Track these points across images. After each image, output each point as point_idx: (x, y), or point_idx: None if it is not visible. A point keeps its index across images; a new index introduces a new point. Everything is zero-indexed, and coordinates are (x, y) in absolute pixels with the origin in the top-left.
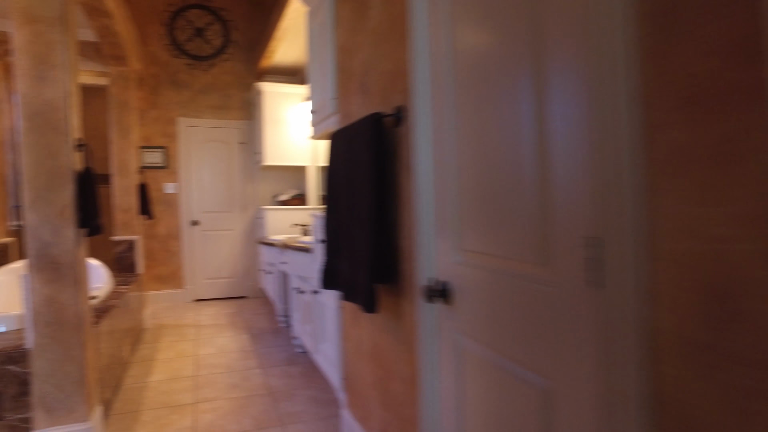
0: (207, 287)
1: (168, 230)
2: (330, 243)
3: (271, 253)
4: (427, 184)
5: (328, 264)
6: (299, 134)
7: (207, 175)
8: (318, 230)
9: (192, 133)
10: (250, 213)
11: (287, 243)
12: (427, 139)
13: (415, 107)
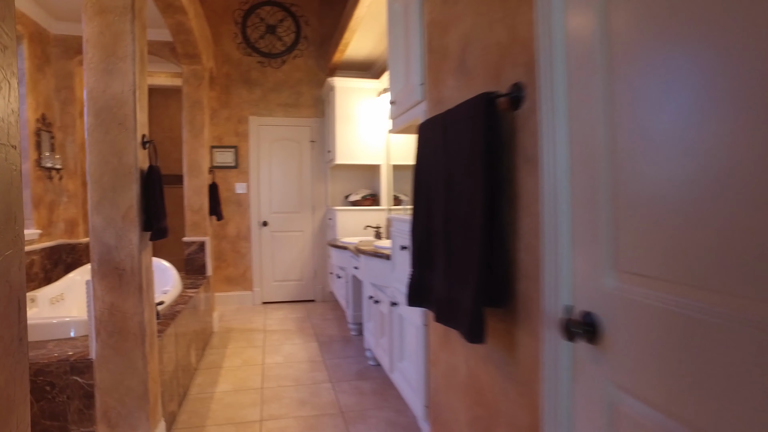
0: (275, 290)
1: (238, 231)
2: (419, 252)
3: (343, 256)
4: (559, 180)
5: (417, 277)
6: (372, 131)
7: (277, 175)
8: (397, 235)
9: (263, 131)
10: (320, 214)
11: (361, 248)
12: (559, 124)
13: (542, 84)
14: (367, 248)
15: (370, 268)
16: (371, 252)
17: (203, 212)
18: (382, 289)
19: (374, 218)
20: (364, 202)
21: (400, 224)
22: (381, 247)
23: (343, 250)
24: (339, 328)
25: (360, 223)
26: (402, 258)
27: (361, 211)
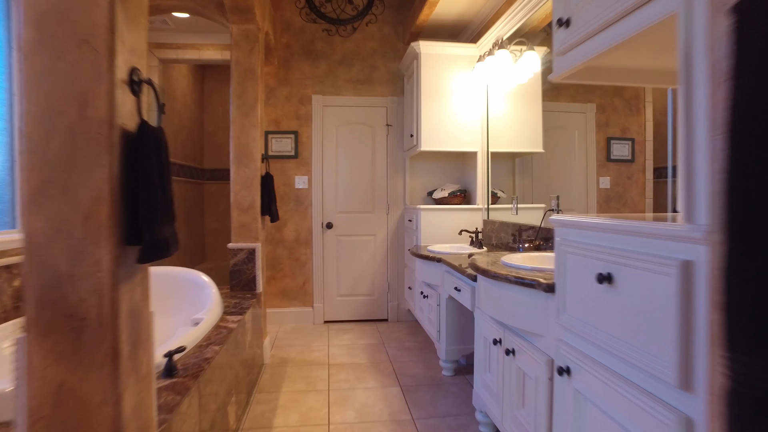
0: (340, 306)
1: (297, 234)
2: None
3: (432, 270)
4: None
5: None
6: (467, 110)
7: (344, 166)
8: (570, 250)
9: (328, 114)
10: (396, 214)
11: (481, 265)
12: None
13: None
14: (495, 269)
15: (498, 299)
16: (506, 276)
17: (254, 211)
18: (521, 334)
19: (467, 220)
20: (452, 199)
21: (579, 234)
22: (525, 269)
23: (433, 262)
24: (425, 363)
25: (449, 225)
26: (586, 293)
27: (451, 211)
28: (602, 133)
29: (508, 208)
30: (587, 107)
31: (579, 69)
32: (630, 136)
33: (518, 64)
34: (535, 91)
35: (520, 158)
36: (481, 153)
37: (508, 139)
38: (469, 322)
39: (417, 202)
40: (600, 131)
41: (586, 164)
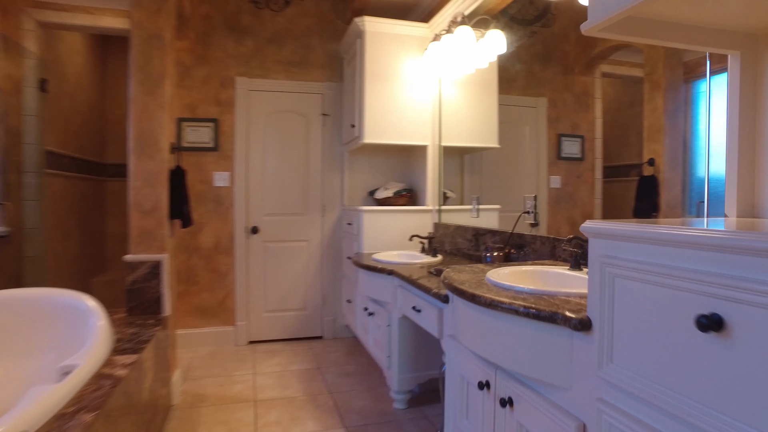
0: (268, 324)
1: (216, 240)
2: None
3: (382, 284)
4: None
5: None
6: (416, 99)
7: (274, 161)
8: (614, 265)
9: (255, 100)
10: (333, 216)
11: (461, 287)
12: None
13: None
14: (490, 294)
15: (490, 333)
16: (510, 305)
17: (160, 214)
18: (538, 386)
19: (416, 223)
20: (397, 200)
21: (646, 252)
22: (528, 292)
23: (382, 275)
24: (372, 393)
25: (396, 229)
26: (658, 340)
27: (398, 213)
28: (553, 129)
29: (460, 210)
30: (539, 101)
31: (624, 16)
32: (580, 133)
33: (480, 44)
34: (490, 81)
35: (469, 155)
36: (432, 147)
37: (461, 133)
38: (427, 343)
39: (357, 202)
40: (551, 127)
41: (537, 162)
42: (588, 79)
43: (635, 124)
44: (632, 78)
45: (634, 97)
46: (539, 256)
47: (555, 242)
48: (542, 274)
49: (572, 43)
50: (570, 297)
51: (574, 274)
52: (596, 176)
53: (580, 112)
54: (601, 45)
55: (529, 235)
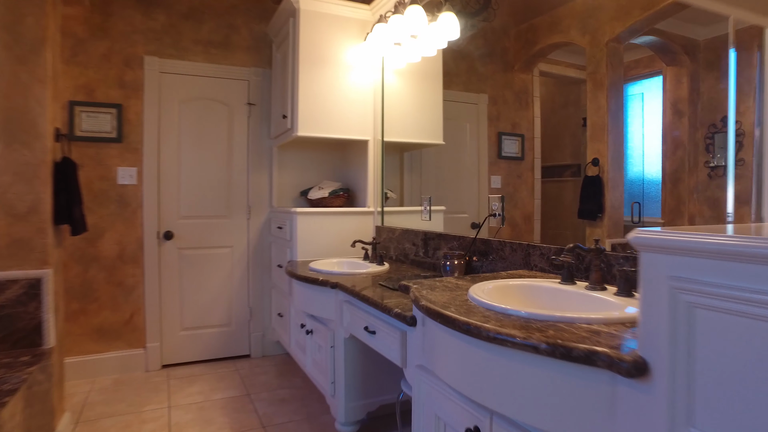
0: (185, 343)
1: (120, 248)
2: None
3: (323, 299)
4: None
5: None
6: (357, 89)
7: (191, 156)
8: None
9: (169, 84)
10: (261, 219)
11: (453, 315)
12: None
13: None
14: (497, 327)
15: (492, 374)
16: (532, 342)
17: (40, 218)
18: None
19: (356, 226)
20: (333, 200)
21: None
22: (564, 322)
23: (324, 288)
24: (312, 423)
25: (334, 234)
26: None
27: (335, 216)
28: (493, 127)
29: (405, 212)
30: (480, 98)
31: None
32: (520, 132)
33: (432, 28)
34: (435, 72)
35: (409, 152)
36: (374, 142)
37: (405, 128)
38: (379, 365)
39: (288, 203)
40: (491, 125)
41: (478, 161)
42: (527, 77)
43: (569, 124)
44: (567, 78)
45: (568, 98)
46: (509, 264)
47: (529, 249)
48: (534, 290)
49: (512, 39)
50: (592, 324)
51: (574, 290)
52: (535, 176)
53: (520, 110)
54: (541, 42)
55: (496, 241)
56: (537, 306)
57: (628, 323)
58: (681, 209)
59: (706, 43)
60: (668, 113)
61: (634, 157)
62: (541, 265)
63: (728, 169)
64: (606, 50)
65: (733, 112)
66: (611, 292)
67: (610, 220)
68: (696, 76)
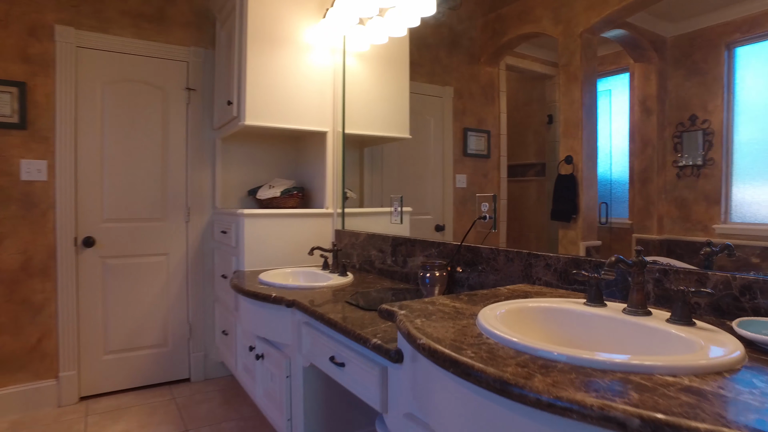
0: (111, 369)
1: (24, 258)
2: None
3: (276, 318)
4: None
5: None
6: (314, 74)
7: (117, 148)
8: None
9: (88, 61)
10: (202, 222)
11: (474, 363)
12: None
13: None
14: (535, 383)
15: None
16: (602, 410)
17: None
18: None
19: (313, 230)
20: (286, 200)
21: None
22: (637, 372)
23: (279, 307)
24: None
25: (288, 239)
26: None
27: (289, 218)
28: (459, 122)
29: (368, 213)
30: (445, 91)
31: None
32: (486, 128)
33: (402, 5)
34: (401, 57)
35: (369, 147)
36: (333, 135)
37: (368, 119)
38: (346, 399)
39: (233, 204)
40: (457, 120)
41: (442, 158)
42: (494, 70)
43: (532, 122)
44: (532, 73)
45: (532, 94)
46: (504, 277)
47: (531, 259)
48: (560, 316)
49: (479, 29)
50: (677, 374)
51: (612, 315)
52: (502, 175)
53: (486, 105)
54: (510, 33)
55: (487, 248)
56: (576, 340)
57: (725, 372)
58: (650, 210)
59: (673, 40)
60: (636, 111)
61: (601, 156)
62: (547, 278)
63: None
64: (580, 41)
65: None
66: (661, 318)
67: (585, 221)
68: (664, 73)
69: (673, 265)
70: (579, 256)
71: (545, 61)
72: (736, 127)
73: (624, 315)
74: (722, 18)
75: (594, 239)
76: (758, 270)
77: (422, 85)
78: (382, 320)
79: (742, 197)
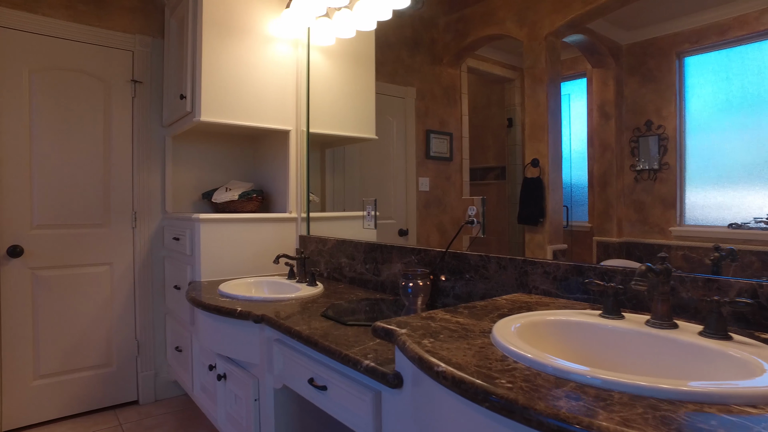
0: (42, 396)
1: None
2: None
3: (239, 335)
4: None
5: None
6: (276, 68)
7: (49, 145)
8: None
9: (11, 45)
10: (151, 227)
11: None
12: None
13: None
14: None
15: None
16: None
17: None
18: None
19: (275, 236)
20: (244, 204)
21: None
22: (695, 401)
23: (243, 322)
24: None
25: (248, 246)
26: None
27: (248, 223)
28: (421, 124)
29: (331, 218)
30: (407, 91)
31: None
32: (448, 131)
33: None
34: (367, 54)
35: (331, 149)
36: (297, 134)
37: (332, 118)
38: (319, 422)
39: (186, 208)
40: (419, 122)
41: (405, 161)
42: (455, 72)
43: (492, 125)
44: (492, 76)
45: (491, 98)
46: (495, 286)
47: (526, 266)
48: (583, 331)
49: (441, 30)
50: (757, 404)
51: (638, 329)
52: (464, 178)
53: (448, 107)
54: (473, 35)
55: (475, 255)
56: (602, 359)
57: None
58: (609, 213)
59: (628, 47)
60: (595, 115)
61: (563, 161)
62: (545, 287)
63: None
64: (545, 44)
65: None
66: (690, 331)
67: (551, 225)
68: (620, 79)
69: (690, 273)
70: (582, 264)
71: (505, 64)
72: (688, 133)
73: (649, 328)
74: (673, 28)
75: (560, 243)
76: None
77: (385, 84)
78: (368, 337)
79: (695, 200)
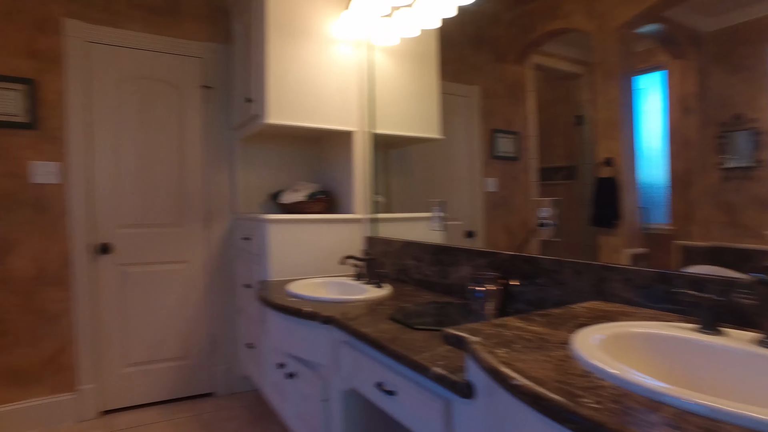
0: (132, 382)
1: (39, 266)
2: None
3: (310, 335)
4: None
5: None
6: (339, 69)
7: (133, 149)
8: None
9: (100, 57)
10: (222, 228)
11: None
12: None
13: None
14: None
15: None
16: None
17: None
18: None
19: (342, 237)
20: (312, 205)
21: None
22: None
23: (313, 323)
24: None
25: (315, 246)
26: None
27: (316, 224)
28: (486, 123)
29: (397, 219)
30: (471, 90)
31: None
32: (515, 130)
33: None
34: (429, 53)
35: (396, 150)
36: (361, 135)
37: (397, 118)
38: (388, 427)
39: (255, 209)
40: (484, 121)
41: (470, 161)
42: (520, 69)
43: (559, 123)
44: (558, 72)
45: (558, 94)
46: (570, 292)
47: (604, 272)
48: (670, 345)
49: (505, 26)
50: None
51: (745, 348)
52: (531, 179)
53: (514, 105)
54: (539, 30)
55: (548, 259)
56: (704, 381)
57: None
58: (692, 215)
59: (712, 35)
60: (675, 110)
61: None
62: (626, 295)
63: None
64: (617, 36)
65: None
66: None
67: (628, 227)
68: (704, 70)
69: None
70: (667, 270)
71: (572, 59)
72: None
73: (761, 348)
74: (764, 11)
75: (638, 246)
76: None
77: (448, 84)
78: (437, 342)
79: None
